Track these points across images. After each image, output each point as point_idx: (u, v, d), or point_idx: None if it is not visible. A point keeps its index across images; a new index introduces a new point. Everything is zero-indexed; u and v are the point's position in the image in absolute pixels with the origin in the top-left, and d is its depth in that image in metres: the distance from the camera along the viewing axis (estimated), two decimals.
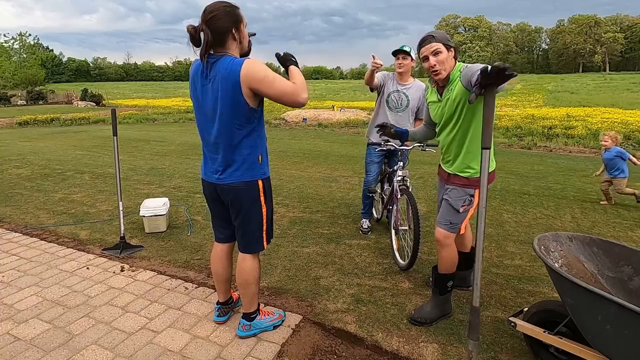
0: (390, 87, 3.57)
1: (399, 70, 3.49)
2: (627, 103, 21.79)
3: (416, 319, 2.37)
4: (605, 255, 2.05)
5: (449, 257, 2.39)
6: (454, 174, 2.35)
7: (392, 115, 3.60)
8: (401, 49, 3.44)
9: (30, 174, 6.31)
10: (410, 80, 3.60)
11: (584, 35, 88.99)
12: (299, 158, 7.92)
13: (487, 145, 1.70)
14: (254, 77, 1.82)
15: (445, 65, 2.15)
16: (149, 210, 3.75)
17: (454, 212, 2.32)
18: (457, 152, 2.30)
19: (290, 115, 17.61)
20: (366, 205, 3.92)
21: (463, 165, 2.30)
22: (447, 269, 2.40)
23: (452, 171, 2.35)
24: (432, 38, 2.14)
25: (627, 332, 1.55)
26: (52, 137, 11.39)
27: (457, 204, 2.31)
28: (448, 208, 2.34)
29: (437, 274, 2.42)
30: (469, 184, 2.30)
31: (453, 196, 2.33)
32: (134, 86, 62.95)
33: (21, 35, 52.23)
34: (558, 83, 44.16)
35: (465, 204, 2.30)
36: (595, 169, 7.08)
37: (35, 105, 30.45)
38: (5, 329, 2.29)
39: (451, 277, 2.41)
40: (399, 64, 3.47)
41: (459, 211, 2.31)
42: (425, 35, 2.18)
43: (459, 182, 2.33)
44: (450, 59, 2.16)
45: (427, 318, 2.36)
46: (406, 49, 3.42)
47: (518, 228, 4.02)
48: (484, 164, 1.71)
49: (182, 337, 2.25)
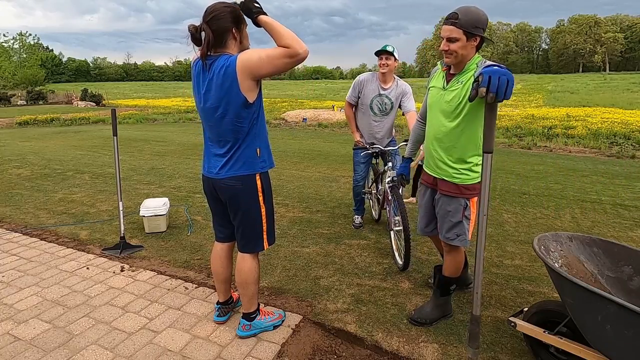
0: (373, 92, 3.51)
1: (382, 70, 3.42)
2: (627, 103, 21.78)
3: (416, 319, 2.35)
4: (605, 255, 2.05)
5: (457, 262, 2.30)
6: (441, 178, 2.16)
7: (377, 119, 3.59)
8: (384, 49, 3.37)
9: (30, 174, 6.31)
10: (392, 82, 3.54)
11: (584, 35, 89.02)
12: (299, 158, 7.92)
13: (489, 148, 1.59)
14: (250, 64, 1.82)
15: (460, 53, 1.90)
16: (149, 210, 3.75)
17: (456, 224, 2.16)
18: (448, 152, 2.10)
19: (290, 115, 17.60)
20: (357, 202, 4.00)
21: (452, 170, 2.11)
22: (453, 272, 2.33)
23: (439, 175, 2.17)
24: (455, 22, 1.84)
25: (627, 332, 1.55)
26: (52, 137, 11.39)
27: (455, 216, 2.14)
28: (448, 221, 2.17)
29: (441, 276, 2.36)
30: (459, 192, 2.11)
31: (447, 207, 2.15)
32: (134, 86, 62.95)
33: (21, 35, 52.21)
34: (558, 83, 44.15)
35: (465, 212, 2.15)
36: (595, 169, 7.08)
37: (35, 105, 30.43)
38: (5, 329, 2.29)
39: (455, 280, 2.36)
40: (382, 64, 3.39)
41: (460, 221, 2.16)
42: (452, 13, 1.87)
43: (449, 191, 2.14)
44: (469, 47, 1.90)
45: (427, 318, 2.35)
46: (389, 49, 3.36)
47: (518, 228, 4.02)
48: (486, 169, 1.60)
49: (182, 337, 2.25)
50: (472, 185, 2.11)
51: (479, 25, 1.86)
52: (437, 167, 2.20)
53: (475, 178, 2.10)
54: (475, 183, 2.10)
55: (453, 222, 2.18)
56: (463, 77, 1.96)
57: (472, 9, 1.87)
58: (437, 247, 2.66)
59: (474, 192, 2.12)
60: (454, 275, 2.34)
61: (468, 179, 2.10)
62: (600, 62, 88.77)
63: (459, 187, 2.12)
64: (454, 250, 2.27)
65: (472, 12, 1.85)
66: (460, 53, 1.91)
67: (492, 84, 1.48)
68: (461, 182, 2.11)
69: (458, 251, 2.28)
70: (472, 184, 2.11)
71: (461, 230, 2.18)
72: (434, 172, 2.24)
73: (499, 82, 1.48)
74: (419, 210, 2.52)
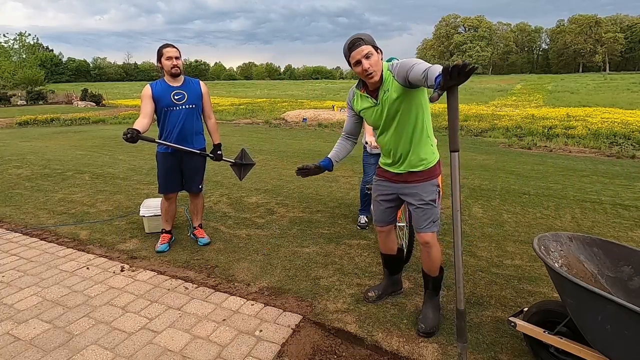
0: None
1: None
2: (627, 103, 21.78)
3: (429, 330, 2.28)
4: (605, 255, 2.05)
5: (439, 255, 2.39)
6: (408, 171, 2.28)
7: None
8: None
9: (30, 174, 6.31)
10: None
11: (584, 35, 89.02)
12: (299, 158, 7.92)
13: (455, 147, 1.66)
14: None
15: (378, 66, 2.07)
16: (149, 210, 3.75)
17: (431, 209, 2.27)
18: (406, 149, 2.23)
19: (290, 115, 17.60)
20: (364, 202, 4.00)
21: (415, 160, 2.24)
22: (438, 267, 2.41)
23: (405, 169, 2.28)
24: (362, 41, 2.03)
25: (627, 332, 1.55)
26: (52, 137, 11.39)
27: (431, 198, 2.25)
28: (423, 209, 2.27)
29: (436, 276, 2.41)
30: (428, 175, 2.26)
31: (422, 193, 2.26)
32: (134, 86, 62.90)
33: (21, 35, 52.21)
34: (558, 83, 44.15)
35: (436, 196, 2.27)
36: (595, 169, 7.09)
37: (35, 105, 30.41)
38: (5, 329, 2.30)
39: (442, 274, 2.46)
40: None
41: (435, 206, 2.27)
42: (353, 38, 2.06)
43: (420, 178, 2.27)
44: (379, 59, 2.09)
45: (436, 325, 2.32)
46: None
47: (518, 228, 4.02)
48: (454, 167, 1.69)
49: (182, 337, 2.25)
50: (434, 167, 2.29)
51: (375, 42, 2.10)
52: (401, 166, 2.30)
53: (435, 157, 2.29)
54: (436, 164, 2.29)
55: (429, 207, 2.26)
56: (386, 86, 2.12)
57: (363, 33, 2.12)
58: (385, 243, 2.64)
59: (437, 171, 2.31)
60: (438, 269, 2.41)
61: (429, 162, 2.26)
62: (600, 62, 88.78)
63: (423, 171, 2.27)
64: (435, 245, 2.32)
65: (365, 34, 2.10)
66: (378, 66, 2.08)
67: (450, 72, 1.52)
68: (425, 167, 2.26)
69: (437, 244, 2.35)
70: (434, 166, 2.28)
71: (435, 215, 2.29)
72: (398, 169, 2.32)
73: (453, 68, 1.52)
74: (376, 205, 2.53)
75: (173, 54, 3.16)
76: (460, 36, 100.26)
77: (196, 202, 3.60)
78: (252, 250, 3.44)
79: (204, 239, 3.55)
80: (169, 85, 3.22)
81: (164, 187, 3.38)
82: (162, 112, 3.21)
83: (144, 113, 3.14)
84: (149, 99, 3.16)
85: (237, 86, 65.22)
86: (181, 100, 3.22)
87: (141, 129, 2.97)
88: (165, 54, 3.15)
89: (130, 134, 2.86)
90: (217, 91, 46.60)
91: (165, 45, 3.21)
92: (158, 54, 3.19)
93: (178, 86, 3.24)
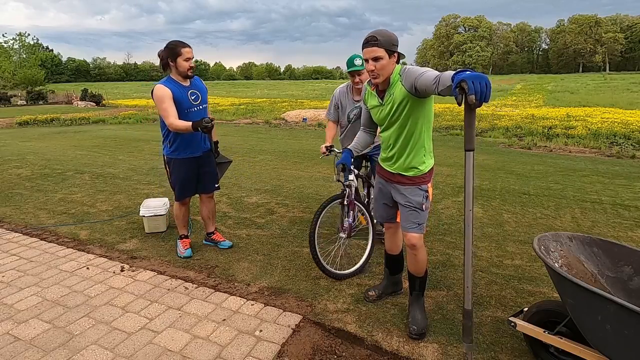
0: (349, 105, 3.46)
1: (357, 87, 3.33)
2: (627, 103, 21.76)
3: (421, 332, 2.28)
4: (605, 255, 2.05)
5: (425, 257, 2.40)
6: (398, 173, 2.31)
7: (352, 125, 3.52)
8: (355, 68, 3.20)
9: (30, 174, 6.31)
10: None
11: (584, 35, 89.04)
12: (299, 158, 7.92)
13: (471, 146, 1.69)
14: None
15: (385, 70, 2.08)
16: (149, 210, 3.75)
17: (418, 212, 2.28)
18: (401, 152, 2.26)
19: (290, 115, 17.59)
20: None
21: (406, 165, 2.27)
22: (425, 268, 2.42)
23: (395, 170, 2.32)
24: (377, 42, 2.02)
25: (627, 332, 1.55)
26: (52, 137, 11.38)
27: (418, 202, 2.27)
28: (411, 210, 2.29)
29: (422, 276, 2.41)
30: (418, 181, 2.28)
31: (410, 196, 2.28)
32: (134, 86, 62.94)
33: (21, 35, 52.17)
34: (558, 83, 44.14)
35: (424, 201, 2.28)
36: (595, 169, 7.09)
37: (35, 105, 30.39)
38: (5, 329, 2.30)
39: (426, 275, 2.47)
40: (356, 82, 3.28)
41: (422, 209, 2.28)
42: (370, 36, 2.05)
43: (409, 182, 2.29)
44: (391, 64, 2.09)
45: (426, 325, 2.33)
46: (359, 65, 3.20)
47: (518, 228, 4.02)
48: (468, 166, 1.71)
49: (182, 337, 2.25)
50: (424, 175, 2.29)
51: (393, 44, 2.06)
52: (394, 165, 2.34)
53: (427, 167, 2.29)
54: (427, 172, 2.28)
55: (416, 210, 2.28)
56: (393, 89, 2.15)
57: (385, 31, 2.07)
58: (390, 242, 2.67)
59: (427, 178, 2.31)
60: (424, 270, 2.42)
61: (419, 171, 2.27)
62: (600, 62, 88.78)
63: (412, 178, 2.28)
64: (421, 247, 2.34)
65: (387, 33, 2.06)
66: (387, 69, 2.09)
67: (477, 90, 1.56)
68: (414, 175, 2.27)
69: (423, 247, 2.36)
70: (424, 174, 2.29)
71: (421, 219, 2.30)
72: (390, 168, 2.37)
73: (481, 87, 1.56)
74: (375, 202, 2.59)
75: (192, 55, 3.00)
76: (460, 36, 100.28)
77: (210, 206, 3.47)
78: (252, 250, 3.44)
79: (227, 242, 3.50)
80: (182, 85, 3.03)
81: (181, 193, 3.24)
82: (183, 113, 2.99)
83: (174, 114, 2.92)
84: (171, 100, 2.93)
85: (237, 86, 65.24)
86: (196, 100, 3.10)
87: None
88: (185, 54, 2.94)
89: (212, 121, 2.81)
90: (217, 91, 46.59)
91: (183, 44, 2.96)
92: (173, 53, 2.94)
93: (189, 86, 3.07)
